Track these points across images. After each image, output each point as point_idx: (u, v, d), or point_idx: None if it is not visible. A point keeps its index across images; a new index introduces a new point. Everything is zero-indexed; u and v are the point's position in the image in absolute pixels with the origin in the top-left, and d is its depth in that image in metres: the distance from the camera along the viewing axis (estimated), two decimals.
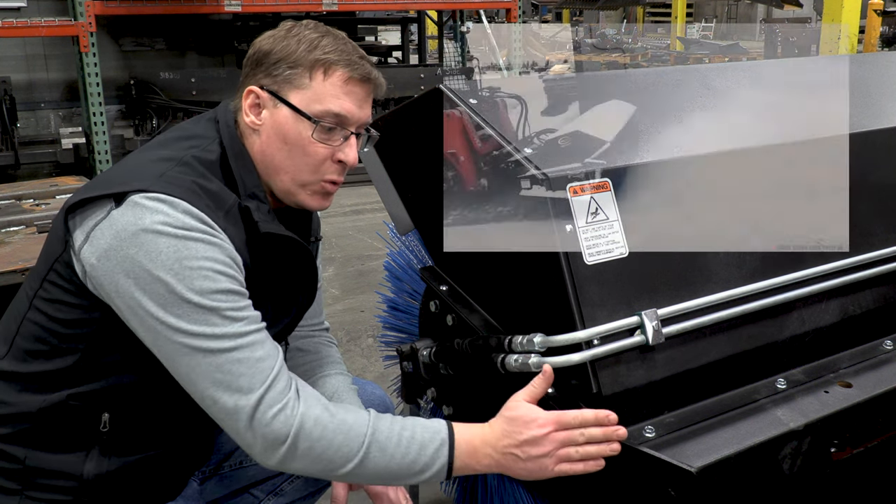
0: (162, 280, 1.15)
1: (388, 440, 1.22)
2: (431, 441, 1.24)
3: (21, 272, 2.41)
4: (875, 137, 1.70)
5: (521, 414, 1.25)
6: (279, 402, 1.17)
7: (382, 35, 10.74)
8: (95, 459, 1.29)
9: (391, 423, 1.24)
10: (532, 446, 1.23)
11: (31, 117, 6.43)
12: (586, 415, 1.24)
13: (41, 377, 1.27)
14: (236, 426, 1.17)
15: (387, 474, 1.23)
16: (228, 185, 1.29)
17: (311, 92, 1.29)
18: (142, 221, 1.16)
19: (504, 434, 1.25)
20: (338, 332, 3.37)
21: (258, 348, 1.19)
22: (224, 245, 1.21)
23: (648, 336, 1.33)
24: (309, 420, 1.18)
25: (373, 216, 5.35)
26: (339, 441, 1.19)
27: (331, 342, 1.67)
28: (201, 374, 1.16)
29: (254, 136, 1.32)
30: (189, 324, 1.15)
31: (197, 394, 1.19)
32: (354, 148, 1.33)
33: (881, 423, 1.43)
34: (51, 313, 1.26)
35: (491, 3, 7.25)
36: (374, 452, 1.20)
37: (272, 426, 1.16)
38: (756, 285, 1.45)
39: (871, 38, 9.31)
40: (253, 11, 6.17)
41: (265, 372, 1.18)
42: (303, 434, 1.17)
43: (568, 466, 1.24)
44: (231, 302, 1.18)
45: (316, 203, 1.35)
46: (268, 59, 1.31)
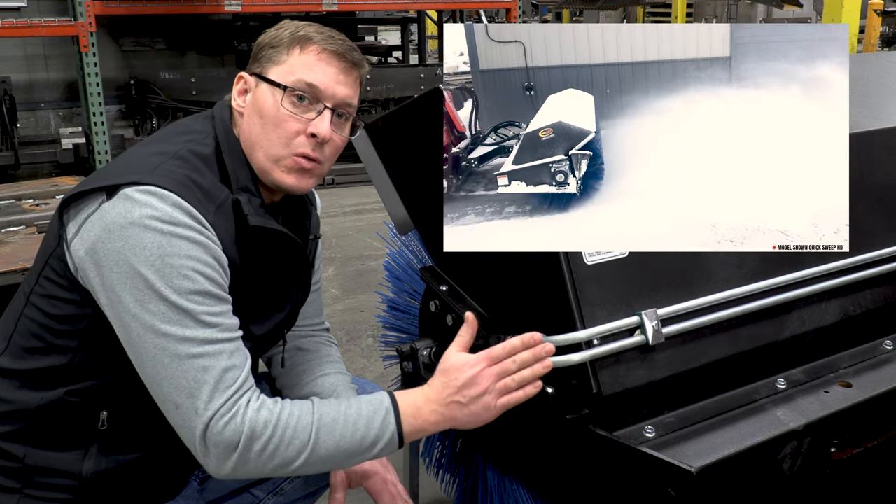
0: (142, 275, 1.15)
1: (334, 422, 1.22)
2: (377, 413, 1.25)
3: (21, 272, 2.41)
4: (875, 137, 1.70)
5: (452, 363, 1.28)
6: (230, 412, 1.17)
7: (382, 35, 10.74)
8: (94, 458, 1.29)
9: (336, 405, 1.25)
10: (470, 388, 1.25)
11: (31, 117, 6.43)
12: (513, 342, 1.27)
13: (38, 374, 1.27)
14: (193, 434, 1.18)
15: (340, 455, 1.24)
16: (223, 179, 1.29)
17: (286, 66, 1.31)
18: (130, 214, 1.17)
19: (443, 386, 1.27)
20: (338, 332, 3.37)
21: (224, 358, 1.19)
22: (209, 245, 1.21)
23: (648, 336, 1.33)
24: (259, 423, 1.18)
25: (373, 216, 5.35)
26: (288, 436, 1.19)
27: (331, 342, 1.67)
28: (166, 377, 1.17)
29: (240, 120, 1.35)
30: (162, 323, 1.16)
31: (160, 397, 1.19)
32: (328, 122, 1.32)
33: (881, 423, 1.43)
34: (46, 309, 1.26)
35: (491, 3, 7.25)
36: (322, 438, 1.21)
37: (223, 434, 1.17)
38: (756, 285, 1.45)
39: (871, 38, 9.31)
40: (253, 11, 6.18)
41: (226, 383, 1.18)
42: (254, 437, 1.18)
43: (508, 398, 1.26)
44: (207, 305, 1.19)
45: (292, 181, 1.33)
46: (257, 48, 1.35)
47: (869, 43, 9.26)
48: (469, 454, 1.75)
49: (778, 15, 13.45)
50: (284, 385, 1.59)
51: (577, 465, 1.39)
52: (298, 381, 1.57)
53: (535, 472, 1.51)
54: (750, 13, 14.53)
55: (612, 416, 1.31)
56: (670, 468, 1.19)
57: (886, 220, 1.66)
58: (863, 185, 1.61)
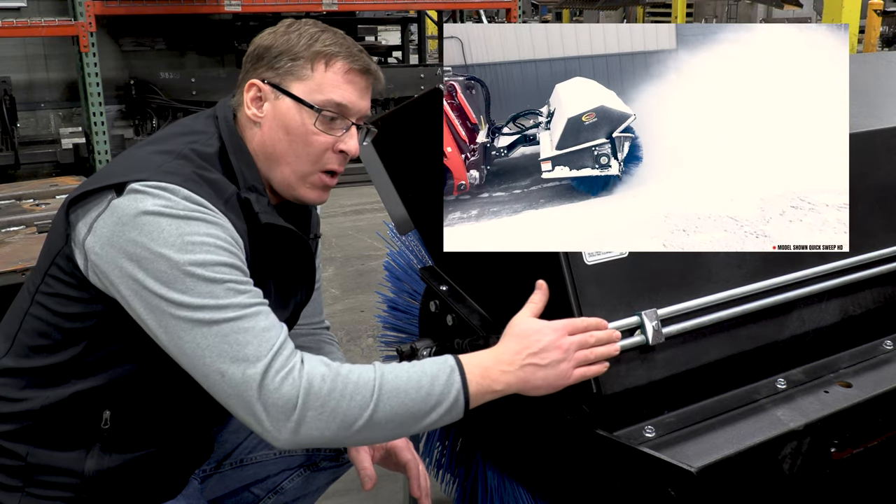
0: (164, 256, 1.14)
1: (397, 378, 1.18)
2: (441, 370, 1.20)
3: (21, 272, 2.40)
4: (875, 137, 1.71)
5: (529, 326, 1.26)
6: (286, 367, 1.14)
7: (382, 35, 10.74)
8: (96, 457, 1.29)
9: (397, 366, 1.21)
10: (550, 352, 1.23)
11: (31, 117, 6.43)
12: (589, 320, 1.27)
13: (44, 372, 1.27)
14: (246, 397, 1.13)
15: (405, 415, 1.18)
16: (228, 178, 1.29)
17: (312, 82, 1.30)
18: (143, 205, 1.16)
19: (519, 348, 1.24)
20: (338, 332, 3.37)
21: (262, 319, 1.17)
22: (226, 225, 1.21)
23: (648, 336, 1.33)
24: (316, 377, 1.14)
25: (373, 216, 5.35)
26: (350, 391, 1.15)
27: (332, 340, 1.67)
28: (207, 347, 1.14)
29: (254, 128, 1.33)
30: (193, 297, 1.14)
31: (203, 370, 1.15)
32: (356, 138, 1.35)
33: (881, 423, 1.43)
34: (53, 307, 1.26)
35: (491, 3, 7.25)
36: (386, 394, 1.16)
37: (281, 391, 1.12)
38: (756, 285, 1.45)
39: (871, 38, 9.31)
40: (253, 11, 6.18)
41: (271, 341, 1.15)
42: (312, 392, 1.13)
43: (584, 370, 1.25)
44: (234, 275, 1.18)
45: (315, 196, 1.36)
46: (269, 54, 1.32)
47: (869, 43, 9.26)
48: (469, 454, 1.75)
49: (778, 15, 13.45)
50: None
51: (577, 465, 1.39)
52: None
53: (535, 472, 1.52)
54: (750, 13, 14.53)
55: (612, 416, 1.31)
56: (670, 468, 1.19)
57: (886, 220, 1.66)
58: (863, 185, 1.61)
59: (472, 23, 8.27)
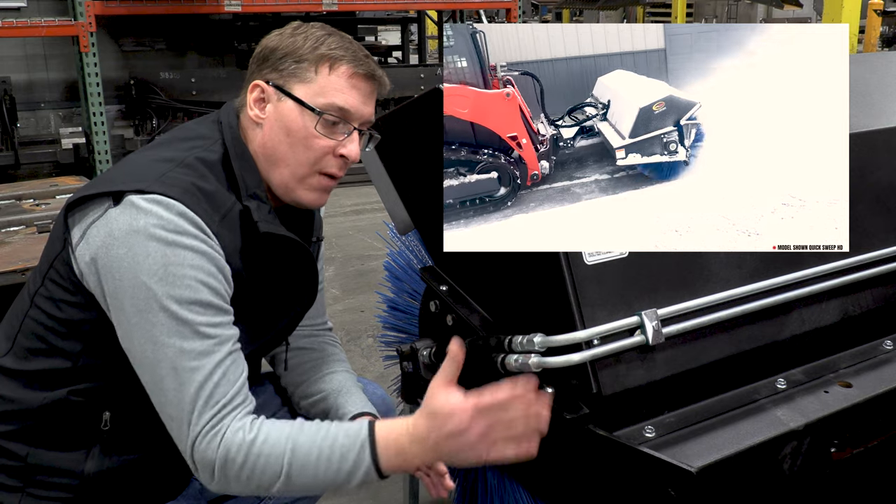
0: (145, 284, 1.16)
1: (307, 456, 1.19)
2: (352, 447, 1.19)
3: (21, 272, 2.40)
4: (875, 137, 1.71)
5: (439, 406, 1.18)
6: (213, 430, 1.18)
7: (382, 35, 10.74)
8: (96, 457, 1.30)
9: (313, 436, 1.20)
10: (458, 437, 1.17)
11: (31, 117, 6.43)
12: (500, 396, 1.17)
13: (42, 375, 1.27)
14: (183, 447, 1.20)
15: (317, 486, 1.22)
16: (230, 186, 1.29)
17: (315, 85, 1.30)
18: (135, 223, 1.17)
19: (429, 429, 1.19)
20: (338, 332, 3.35)
21: (218, 372, 1.19)
22: (213, 254, 1.21)
23: (648, 336, 1.33)
24: (233, 447, 1.18)
25: (373, 216, 5.35)
26: (261, 464, 1.18)
27: (335, 342, 1.67)
28: (163, 389, 1.18)
29: (256, 129, 1.33)
30: (161, 334, 1.16)
31: (157, 405, 1.20)
32: (357, 143, 1.34)
33: (881, 423, 1.43)
34: (50, 311, 1.26)
35: (491, 3, 7.25)
36: (296, 469, 1.19)
37: (206, 454, 1.18)
38: (756, 285, 1.45)
39: (871, 38, 9.30)
40: (253, 11, 6.16)
41: (216, 398, 1.18)
42: (228, 461, 1.17)
43: (499, 452, 1.19)
44: (207, 316, 1.19)
45: (313, 198, 1.35)
46: (274, 55, 1.32)
47: (869, 43, 9.26)
48: None
49: (778, 15, 13.45)
50: (290, 383, 1.59)
51: (576, 465, 1.39)
52: (306, 379, 1.57)
53: (534, 473, 1.52)
54: (750, 13, 14.53)
55: (612, 416, 1.31)
56: (670, 468, 1.19)
57: (886, 220, 1.66)
58: (863, 185, 1.62)
59: (473, 22, 8.27)
